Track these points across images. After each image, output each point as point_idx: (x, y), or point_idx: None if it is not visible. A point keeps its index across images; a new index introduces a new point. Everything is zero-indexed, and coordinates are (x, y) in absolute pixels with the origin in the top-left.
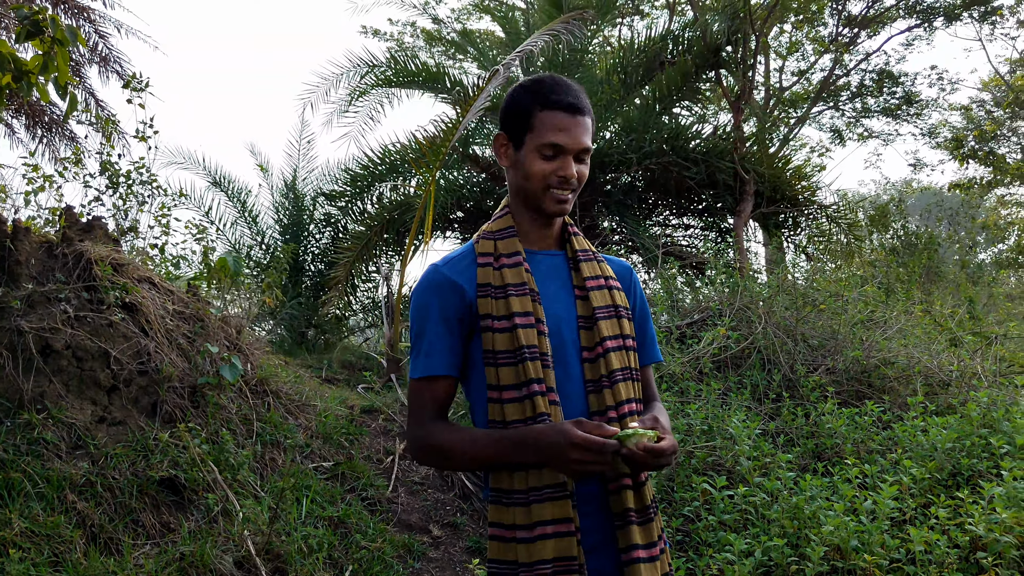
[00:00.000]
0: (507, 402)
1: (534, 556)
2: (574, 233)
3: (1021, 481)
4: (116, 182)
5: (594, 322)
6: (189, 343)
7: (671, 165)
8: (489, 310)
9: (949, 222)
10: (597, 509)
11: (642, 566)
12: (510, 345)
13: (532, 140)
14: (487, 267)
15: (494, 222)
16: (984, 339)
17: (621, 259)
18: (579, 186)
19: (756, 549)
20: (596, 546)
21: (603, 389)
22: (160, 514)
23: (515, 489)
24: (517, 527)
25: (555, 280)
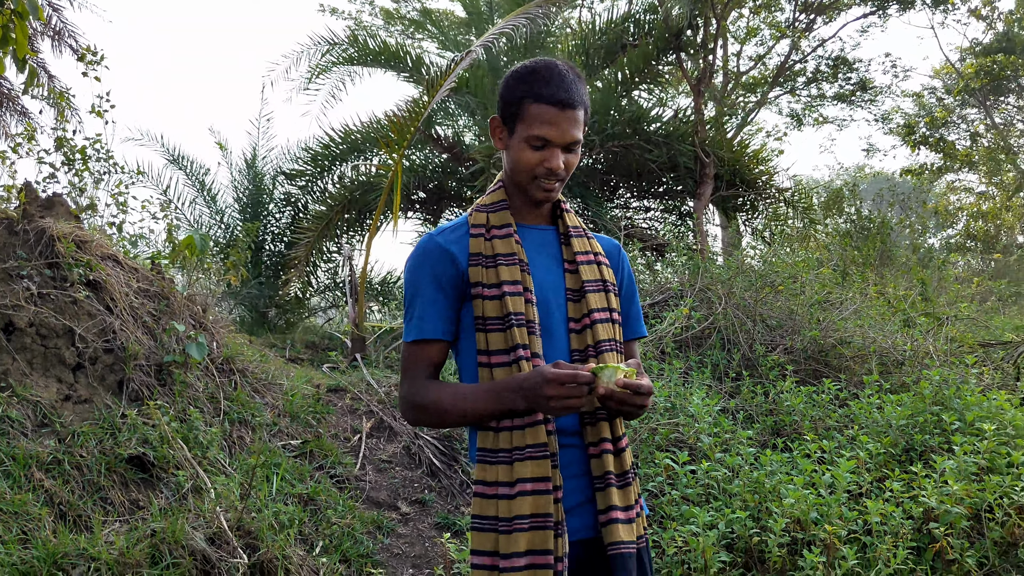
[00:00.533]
0: (495, 366)
1: (513, 512)
2: (565, 210)
3: (971, 456)
4: (71, 159)
5: (583, 294)
6: (154, 321)
7: (633, 147)
8: (480, 278)
9: (900, 207)
10: (579, 472)
11: (619, 526)
12: (498, 312)
13: (522, 130)
14: (479, 238)
15: (488, 195)
16: (936, 320)
17: (609, 237)
18: (567, 175)
19: (719, 522)
20: (577, 506)
21: (589, 359)
22: (129, 492)
23: (499, 448)
24: (499, 484)
25: (545, 253)
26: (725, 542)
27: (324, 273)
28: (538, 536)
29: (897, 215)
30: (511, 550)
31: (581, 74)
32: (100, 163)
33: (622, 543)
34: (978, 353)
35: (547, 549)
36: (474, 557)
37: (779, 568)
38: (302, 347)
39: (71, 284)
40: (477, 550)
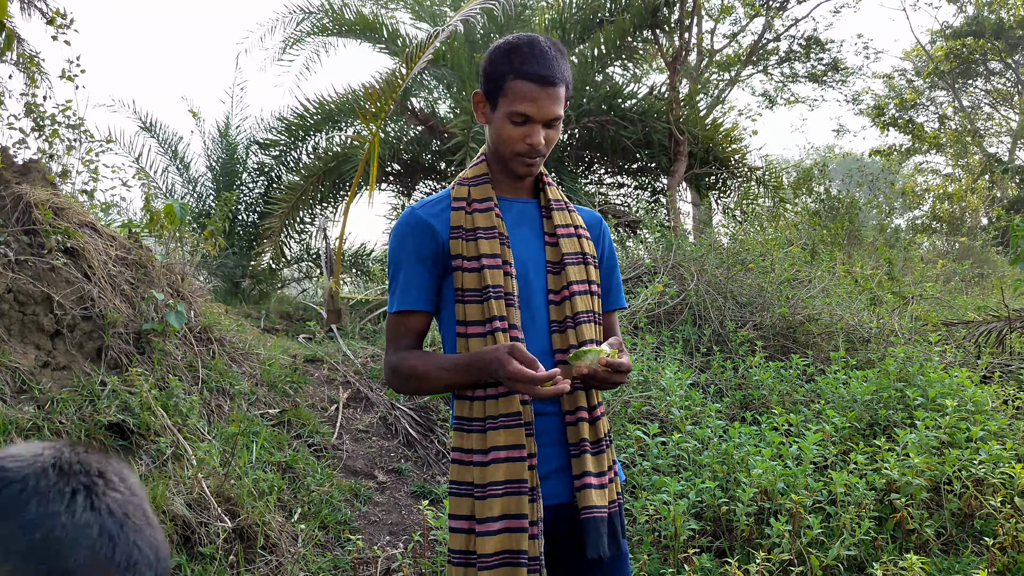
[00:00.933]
0: (472, 336)
1: (487, 478)
2: (548, 183)
3: (932, 430)
4: (42, 125)
5: (562, 267)
6: (132, 289)
7: (608, 124)
8: (460, 251)
9: (869, 187)
10: (556, 440)
11: (593, 491)
12: (477, 284)
13: (504, 106)
14: (460, 211)
15: (470, 169)
16: (902, 299)
17: (591, 210)
18: (548, 150)
19: (689, 491)
20: (553, 472)
21: (567, 329)
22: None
23: (474, 417)
24: (474, 451)
25: (526, 225)
26: (694, 511)
27: (298, 244)
28: (512, 501)
29: (865, 195)
30: (486, 515)
31: (564, 50)
32: (71, 130)
33: (595, 507)
34: (941, 332)
35: (521, 513)
36: (452, 521)
37: (746, 536)
38: (277, 318)
39: (49, 251)
40: (454, 514)
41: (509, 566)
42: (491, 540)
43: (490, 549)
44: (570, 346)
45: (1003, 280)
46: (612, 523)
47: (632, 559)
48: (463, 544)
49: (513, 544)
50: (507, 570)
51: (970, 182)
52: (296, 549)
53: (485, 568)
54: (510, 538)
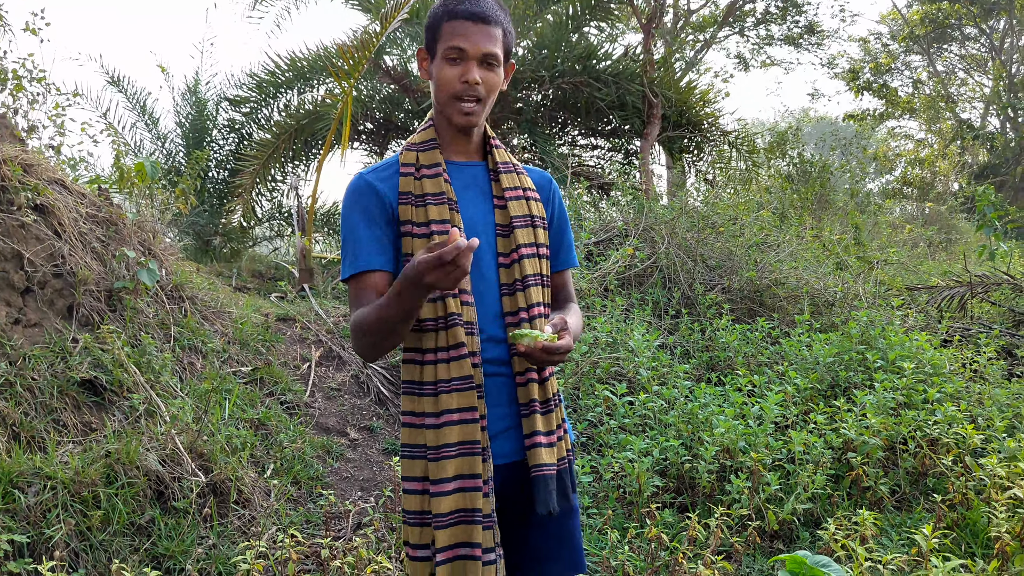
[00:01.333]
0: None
1: (440, 440)
2: (496, 146)
3: (890, 392)
4: (4, 79)
5: (511, 230)
6: (103, 247)
7: (582, 85)
8: (409, 216)
9: (842, 152)
10: (506, 400)
11: (542, 450)
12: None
13: (439, 48)
14: (408, 177)
15: (418, 134)
16: (867, 263)
17: (541, 170)
18: (487, 95)
19: (654, 449)
20: (503, 432)
21: (516, 292)
22: (82, 414)
23: (425, 381)
24: (426, 415)
25: (475, 189)
26: (659, 468)
27: (269, 202)
28: (466, 462)
29: (839, 160)
30: (440, 476)
31: (501, 1)
32: (35, 83)
33: (544, 465)
34: (905, 296)
35: (475, 473)
36: (406, 483)
37: (708, 492)
38: (248, 276)
39: (18, 208)
40: (408, 476)
41: (465, 524)
42: (446, 500)
43: (445, 508)
44: (519, 308)
45: (967, 246)
46: (561, 479)
47: (597, 514)
48: (418, 505)
49: (468, 503)
50: (463, 527)
51: (942, 148)
52: (269, 503)
53: (441, 527)
54: (464, 497)
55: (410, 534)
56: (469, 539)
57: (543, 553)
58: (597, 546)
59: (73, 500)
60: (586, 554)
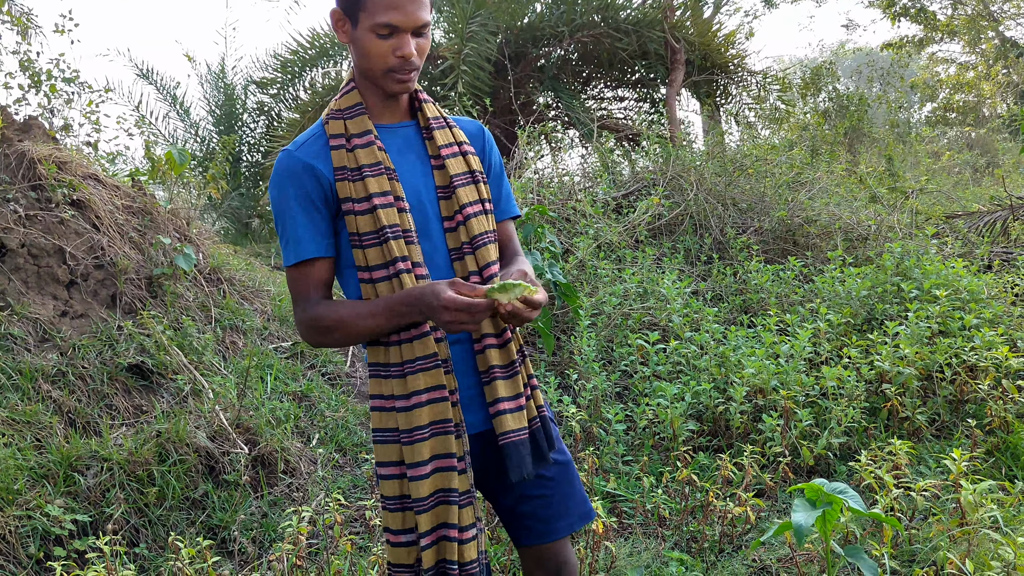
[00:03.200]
0: (378, 281)
1: (412, 423)
2: (424, 100)
3: (925, 321)
4: (39, 80)
5: (452, 191)
6: (140, 236)
7: (603, 37)
8: (348, 193)
9: (880, 83)
10: (467, 370)
11: (507, 416)
12: (372, 226)
13: (365, 20)
14: (340, 150)
15: (341, 99)
16: (902, 194)
17: (471, 119)
18: (421, 61)
19: (686, 394)
20: (467, 402)
21: (465, 256)
22: (132, 398)
23: (391, 363)
24: (396, 397)
25: (410, 152)
26: (692, 413)
27: None
28: (440, 442)
29: (877, 91)
30: (415, 459)
31: None
32: (67, 83)
33: (511, 432)
34: (943, 225)
35: (449, 452)
36: (381, 468)
37: (742, 433)
38: None
39: (56, 204)
40: (383, 462)
41: (443, 504)
42: (424, 483)
43: (425, 492)
44: (470, 273)
45: (1005, 168)
46: (535, 441)
47: (633, 461)
48: (397, 490)
49: (444, 483)
50: (443, 508)
51: (985, 69)
52: (315, 471)
53: (423, 511)
54: (441, 477)
55: (391, 520)
56: (448, 520)
57: (549, 512)
58: (634, 491)
59: (129, 479)
60: (622, 500)
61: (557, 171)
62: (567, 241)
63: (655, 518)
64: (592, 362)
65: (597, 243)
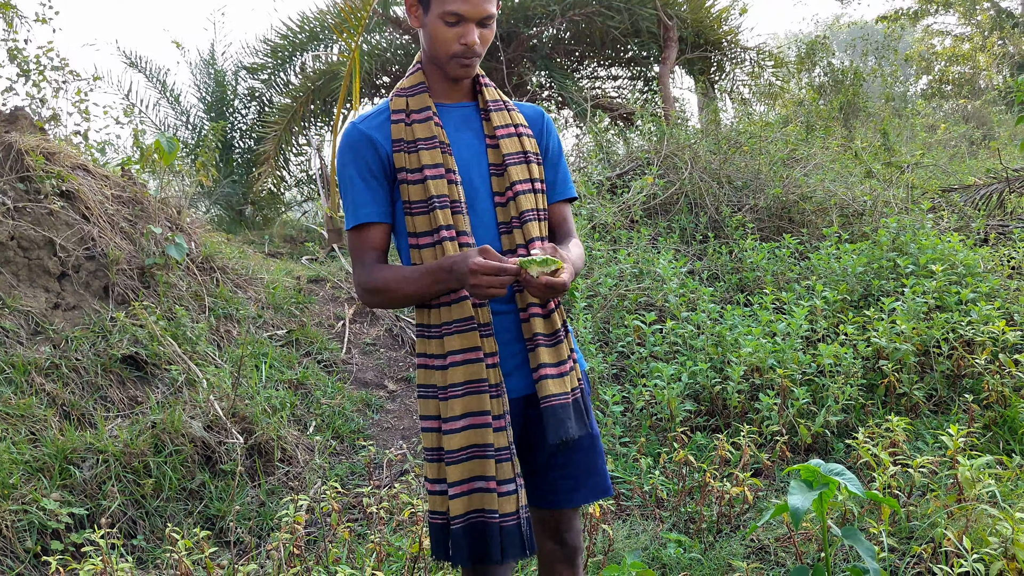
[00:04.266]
0: (423, 247)
1: (447, 380)
2: (486, 84)
3: (921, 296)
4: (27, 70)
5: (504, 168)
6: (131, 226)
7: (595, 15)
8: (403, 164)
9: (875, 56)
10: (512, 338)
11: (550, 381)
12: (422, 195)
13: (436, 7)
14: (399, 123)
15: (406, 79)
16: (897, 168)
17: (533, 104)
18: (484, 50)
19: (683, 374)
20: (513, 369)
21: (513, 229)
22: (126, 389)
23: (431, 324)
24: (434, 356)
25: (467, 130)
26: (690, 393)
27: (296, 167)
28: (473, 400)
29: (872, 65)
30: (449, 414)
31: None
32: (56, 72)
33: (554, 396)
34: (939, 199)
35: (483, 410)
36: (422, 421)
37: (739, 412)
38: (280, 242)
39: (45, 196)
40: (424, 415)
41: (477, 459)
42: (456, 437)
43: (456, 445)
44: (517, 246)
45: (1001, 141)
46: (577, 407)
47: (631, 442)
48: (434, 442)
49: (478, 439)
50: (476, 462)
51: (981, 40)
52: (312, 459)
53: (453, 463)
54: (475, 433)
55: (428, 469)
56: (484, 473)
57: (569, 483)
58: (631, 473)
59: (125, 471)
60: (619, 482)
61: None
62: None
63: (653, 500)
64: (589, 344)
65: (592, 224)
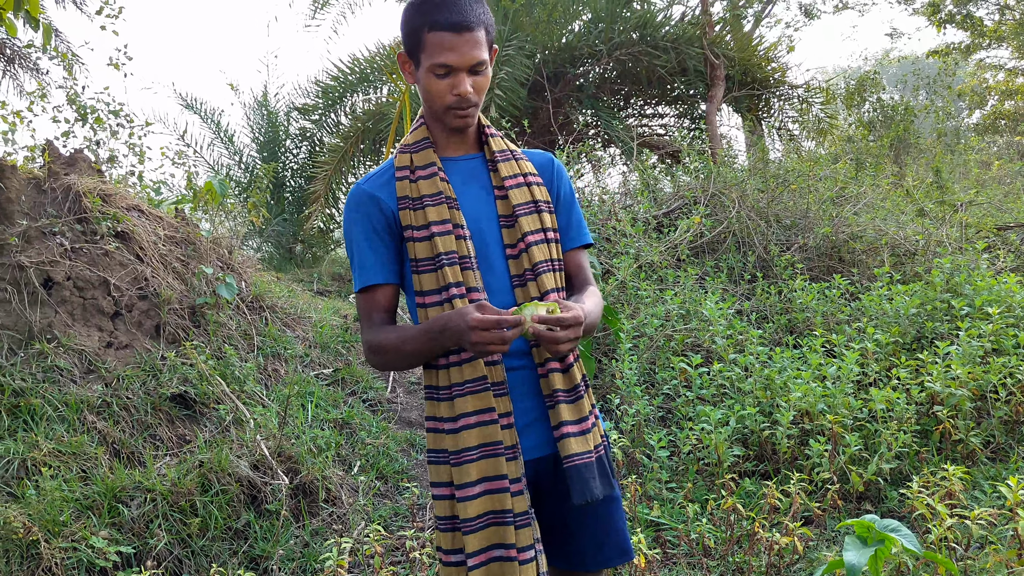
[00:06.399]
0: (430, 306)
1: (459, 445)
2: (491, 134)
3: (977, 339)
4: (85, 114)
5: (515, 219)
6: (183, 266)
7: (641, 55)
8: (410, 221)
9: (926, 91)
10: (530, 392)
11: (572, 440)
12: (429, 253)
13: (425, 61)
14: (404, 180)
15: (410, 135)
16: (950, 207)
17: (542, 151)
18: (479, 98)
19: (731, 418)
20: (530, 425)
21: (527, 282)
22: (175, 428)
23: (440, 386)
24: (444, 419)
25: (474, 183)
26: (738, 437)
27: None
28: (489, 464)
29: (924, 100)
30: (464, 480)
31: None
32: (114, 115)
33: (576, 455)
34: (994, 238)
35: (500, 475)
36: (434, 489)
37: (789, 458)
38: (328, 279)
39: (101, 237)
40: (436, 482)
41: (495, 526)
42: (472, 504)
43: (472, 513)
44: (532, 298)
45: None
46: (601, 465)
47: (678, 488)
48: (447, 510)
49: (496, 505)
50: (494, 529)
51: None
52: (356, 499)
53: (470, 532)
54: (492, 499)
55: (442, 540)
56: (503, 540)
57: (589, 544)
58: (679, 520)
59: (172, 510)
60: (665, 529)
61: (598, 190)
62: (607, 262)
63: (700, 548)
64: (634, 386)
65: (638, 263)
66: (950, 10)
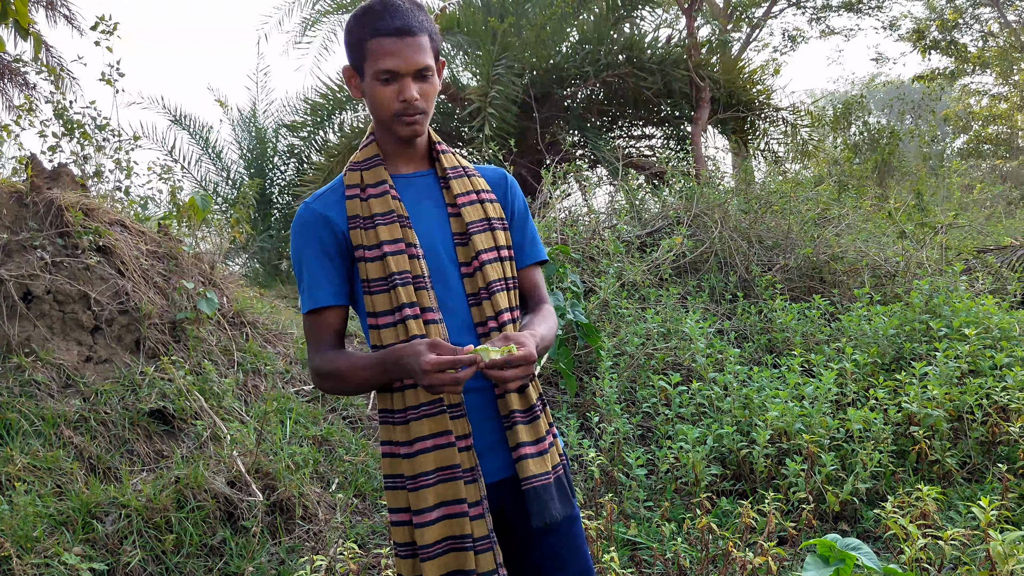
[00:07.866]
0: (383, 327)
1: (416, 469)
2: (443, 151)
3: (954, 360)
4: (72, 128)
5: (468, 237)
6: (165, 281)
7: (628, 76)
8: (361, 241)
9: (912, 115)
10: (489, 415)
11: (530, 461)
12: (381, 272)
13: (369, 69)
14: (354, 199)
15: (360, 151)
16: (931, 229)
17: (495, 167)
18: (427, 105)
19: (708, 437)
20: (489, 448)
21: (482, 301)
22: (153, 443)
23: (395, 409)
24: (400, 443)
25: (427, 199)
26: (716, 456)
27: None
28: (447, 488)
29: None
30: (421, 506)
31: (419, 2)
32: (100, 129)
33: (534, 477)
34: (973, 260)
35: (459, 499)
36: (391, 515)
37: (765, 477)
38: None
39: (82, 251)
40: (393, 508)
41: (455, 551)
42: (430, 530)
43: (430, 539)
44: (487, 318)
45: None
46: (560, 486)
47: (655, 506)
48: (406, 536)
49: (456, 530)
50: (453, 555)
51: (1018, 100)
52: (333, 516)
53: (428, 559)
54: (451, 524)
55: (402, 567)
56: (462, 567)
57: (551, 566)
58: (654, 539)
59: (147, 526)
60: (641, 548)
61: (583, 209)
62: (590, 280)
63: (675, 567)
64: (614, 404)
65: (620, 282)
66: (935, 36)
